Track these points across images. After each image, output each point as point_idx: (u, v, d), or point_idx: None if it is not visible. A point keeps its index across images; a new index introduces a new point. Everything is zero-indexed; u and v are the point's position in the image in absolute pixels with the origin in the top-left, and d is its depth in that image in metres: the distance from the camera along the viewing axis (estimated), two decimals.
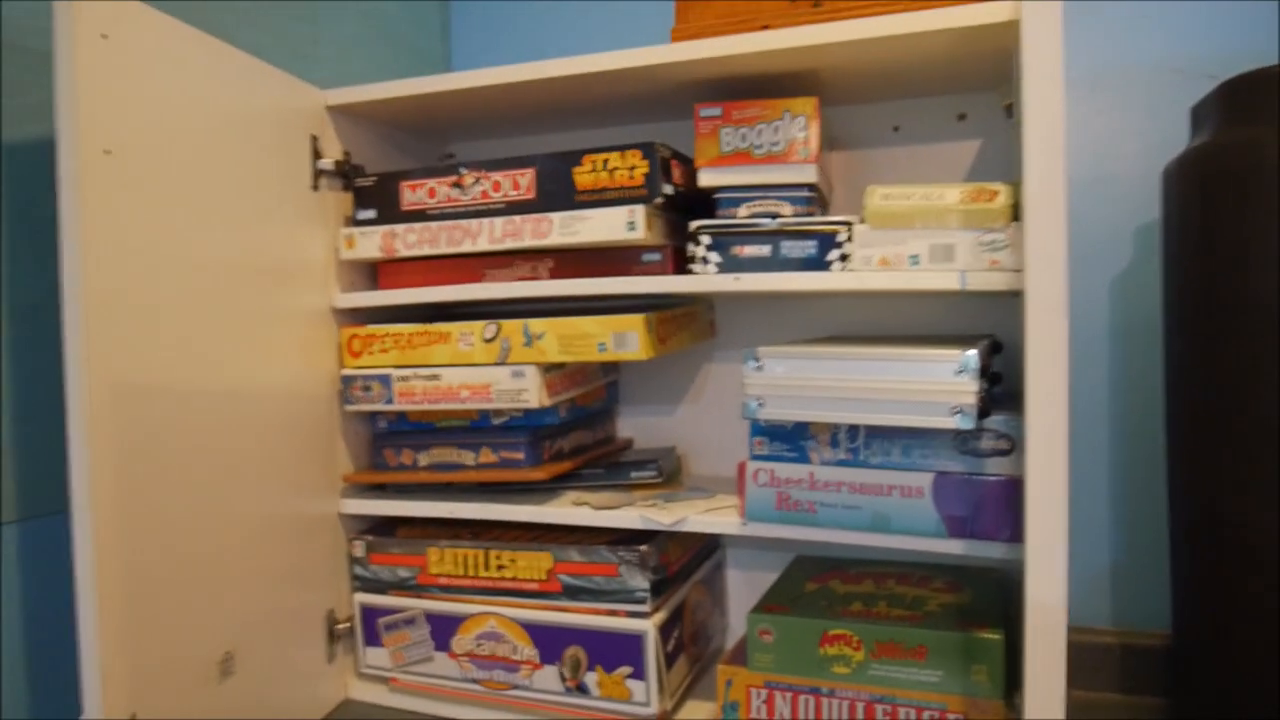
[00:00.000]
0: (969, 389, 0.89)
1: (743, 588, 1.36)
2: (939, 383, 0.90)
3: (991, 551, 0.95)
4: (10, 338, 1.01)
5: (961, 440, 0.96)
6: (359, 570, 1.24)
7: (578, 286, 1.10)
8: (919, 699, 1.00)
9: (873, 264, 0.99)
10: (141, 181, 0.92)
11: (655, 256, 1.11)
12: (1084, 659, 1.24)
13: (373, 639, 1.23)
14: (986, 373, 0.97)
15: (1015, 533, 0.93)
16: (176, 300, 0.96)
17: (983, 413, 0.92)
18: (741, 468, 1.03)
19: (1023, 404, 0.87)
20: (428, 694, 1.21)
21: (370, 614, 1.23)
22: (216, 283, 1.02)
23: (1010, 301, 1.19)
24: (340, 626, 1.22)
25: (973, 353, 0.88)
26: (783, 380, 0.96)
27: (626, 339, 1.07)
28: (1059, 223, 0.82)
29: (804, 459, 1.02)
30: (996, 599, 1.10)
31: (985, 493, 0.95)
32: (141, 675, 0.90)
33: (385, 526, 1.28)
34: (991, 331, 1.20)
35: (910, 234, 0.97)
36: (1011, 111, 1.04)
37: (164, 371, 0.94)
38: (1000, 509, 0.94)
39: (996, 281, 0.92)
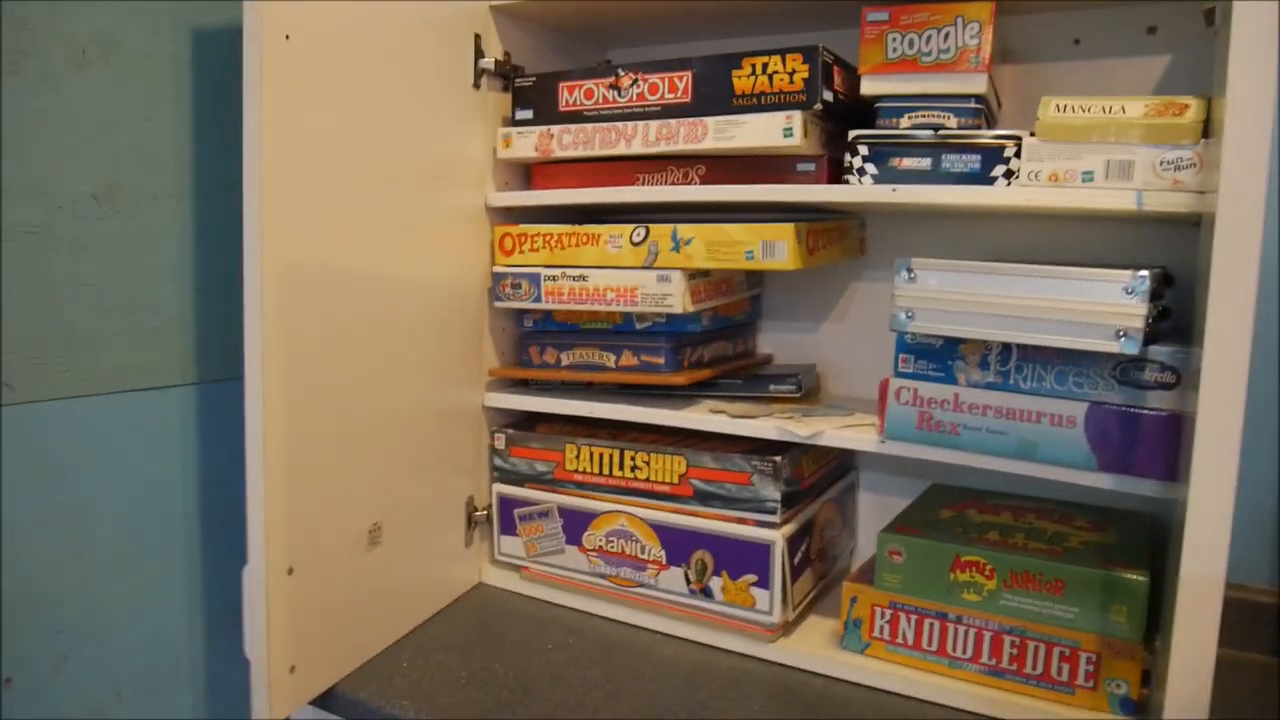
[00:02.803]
0: (1137, 311, 0.84)
1: (874, 512, 1.34)
2: (1105, 303, 0.85)
3: (1144, 489, 0.90)
4: (201, 215, 1.08)
5: (1122, 370, 0.91)
6: (499, 462, 1.28)
7: (730, 193, 1.08)
8: (1051, 634, 0.97)
9: (1041, 179, 0.94)
10: (317, 69, 0.95)
11: (810, 166, 1.08)
12: (1235, 616, 1.17)
13: (508, 528, 1.28)
14: (1157, 300, 0.92)
15: (1171, 471, 0.89)
16: (344, 187, 1.00)
17: (1148, 340, 0.87)
18: (884, 385, 1.02)
19: (1192, 337, 0.82)
20: (556, 584, 1.26)
21: (507, 504, 1.28)
22: (381, 173, 1.05)
23: (1185, 233, 1.11)
24: (479, 514, 1.28)
25: (1144, 273, 0.83)
26: (935, 293, 0.93)
27: (775, 248, 1.05)
28: (1264, 134, 0.75)
29: (950, 379, 0.99)
30: (1142, 542, 1.05)
31: (1144, 427, 0.90)
32: (299, 534, 0.97)
33: (526, 422, 1.32)
34: (1163, 265, 1.12)
35: (1085, 149, 0.92)
36: (1212, 18, 0.96)
37: (330, 255, 0.99)
38: (1159, 446, 0.89)
39: (1176, 203, 0.86)
